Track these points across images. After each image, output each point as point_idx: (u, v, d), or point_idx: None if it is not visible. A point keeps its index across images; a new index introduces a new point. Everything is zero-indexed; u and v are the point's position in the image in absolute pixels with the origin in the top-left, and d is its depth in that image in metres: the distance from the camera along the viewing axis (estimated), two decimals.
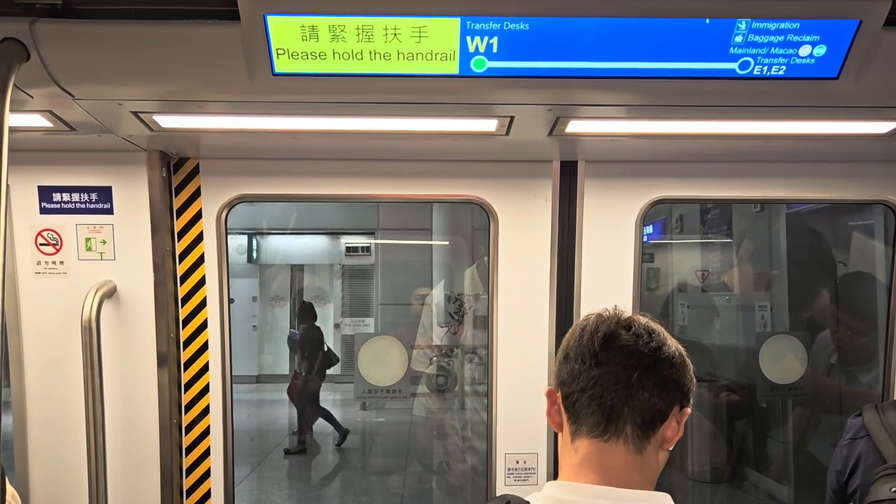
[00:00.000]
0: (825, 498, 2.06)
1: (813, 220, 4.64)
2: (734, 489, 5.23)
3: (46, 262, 2.66)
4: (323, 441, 8.29)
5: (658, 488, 1.32)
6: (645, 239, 2.92)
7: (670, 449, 1.31)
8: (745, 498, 5.11)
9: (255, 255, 10.73)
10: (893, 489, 1.59)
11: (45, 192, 2.64)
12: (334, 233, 10.02)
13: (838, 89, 1.96)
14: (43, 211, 2.65)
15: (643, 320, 1.32)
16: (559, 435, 1.38)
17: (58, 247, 2.65)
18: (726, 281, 5.60)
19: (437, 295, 5.44)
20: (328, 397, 9.91)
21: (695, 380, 1.32)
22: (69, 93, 1.98)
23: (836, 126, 2.28)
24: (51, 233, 2.65)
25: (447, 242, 6.33)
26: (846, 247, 4.15)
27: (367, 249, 9.21)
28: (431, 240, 6.47)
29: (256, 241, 10.75)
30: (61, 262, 2.66)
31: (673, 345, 1.30)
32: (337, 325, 10.39)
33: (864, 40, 1.84)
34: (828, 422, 4.18)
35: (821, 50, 1.87)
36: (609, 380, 1.25)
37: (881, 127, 2.27)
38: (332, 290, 10.45)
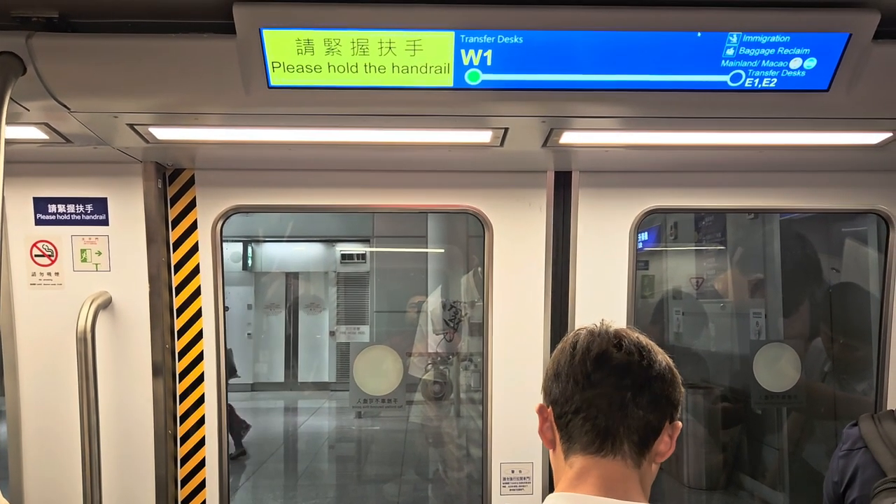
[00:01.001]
0: None
1: (806, 228, 4.66)
2: (729, 496, 5.24)
3: (42, 274, 2.66)
4: (316, 448, 8.27)
5: (653, 494, 1.33)
6: (640, 246, 2.94)
7: (661, 462, 1.32)
8: None
9: (250, 262, 10.72)
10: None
11: (40, 204, 2.64)
12: (329, 240, 10.03)
13: (829, 101, 1.98)
14: (38, 222, 2.65)
15: (633, 335, 1.32)
16: (551, 452, 1.38)
17: (53, 258, 2.65)
18: (720, 288, 5.62)
19: (433, 302, 5.44)
20: (323, 406, 9.91)
21: (683, 392, 1.33)
22: (65, 105, 1.98)
23: (828, 137, 2.30)
24: (46, 244, 2.65)
25: (442, 250, 6.33)
26: (839, 254, 4.17)
27: (362, 257, 9.20)
28: (426, 247, 6.48)
29: (251, 248, 10.74)
30: (56, 274, 2.66)
31: (663, 360, 1.31)
32: (332, 333, 10.38)
33: (854, 53, 1.86)
34: (822, 429, 4.20)
35: (811, 63, 1.90)
36: (603, 401, 1.26)
37: (872, 138, 2.29)
38: (327, 298, 10.44)
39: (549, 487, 2.82)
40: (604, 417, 1.25)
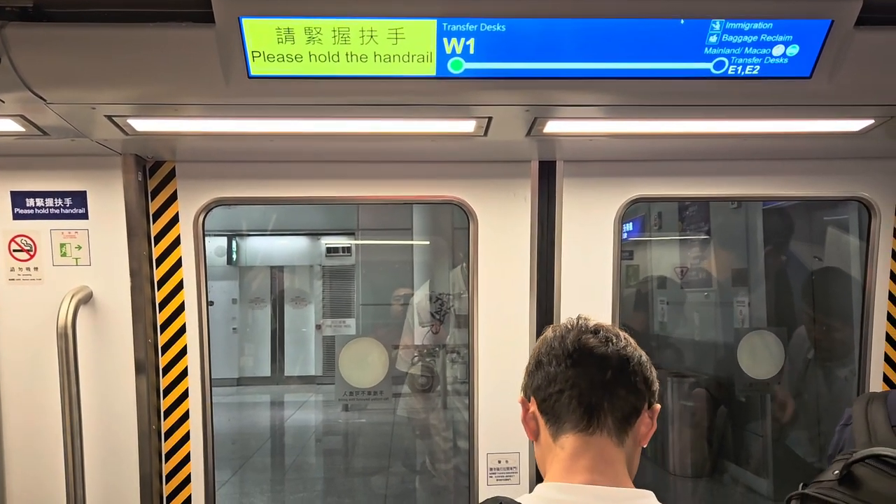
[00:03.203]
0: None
1: (788, 217, 4.69)
2: (714, 483, 5.28)
3: (20, 269, 2.62)
4: (303, 442, 8.25)
5: (639, 481, 1.34)
6: (625, 237, 2.94)
7: (644, 446, 1.35)
8: (725, 491, 5.16)
9: (234, 256, 10.64)
10: (836, 472, 1.63)
11: (17, 198, 2.60)
12: (314, 234, 9.97)
13: (811, 88, 1.98)
14: (16, 216, 2.61)
15: (608, 325, 1.36)
16: (535, 443, 1.40)
17: (32, 253, 2.61)
18: (704, 277, 5.64)
19: (419, 295, 5.43)
20: (309, 399, 9.88)
21: (657, 382, 1.36)
22: (41, 97, 1.95)
23: (810, 124, 2.31)
24: (24, 238, 2.61)
25: (427, 242, 6.32)
26: (821, 242, 4.21)
27: (347, 250, 9.16)
28: (412, 240, 6.46)
29: (236, 242, 10.66)
30: (35, 269, 2.62)
31: (638, 350, 1.35)
32: (318, 327, 10.33)
33: (836, 40, 1.86)
34: (805, 415, 4.24)
35: (794, 49, 1.90)
36: (585, 380, 1.29)
37: (854, 125, 2.30)
38: (313, 292, 10.39)
39: (536, 477, 2.82)
40: (588, 395, 1.28)
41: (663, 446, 5.37)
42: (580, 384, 1.28)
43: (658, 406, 1.35)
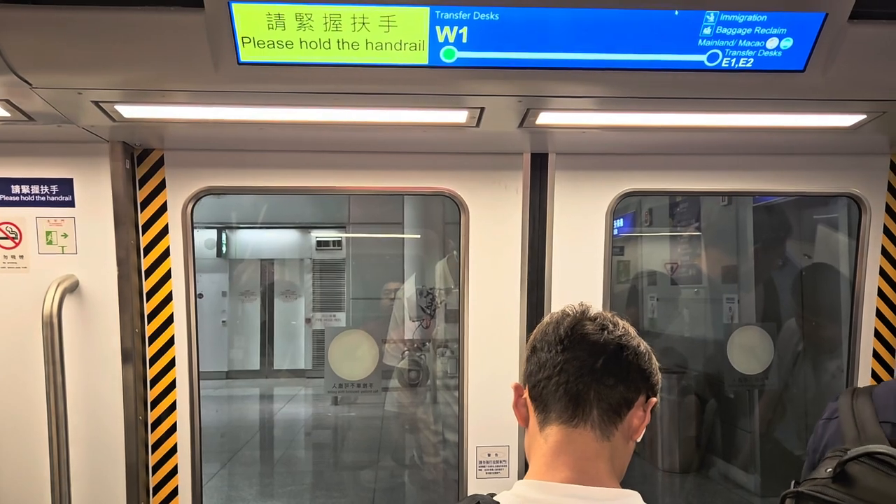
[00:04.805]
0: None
1: (779, 214, 4.71)
2: (702, 478, 5.31)
3: (5, 256, 2.58)
4: (292, 436, 8.24)
5: (627, 477, 1.32)
6: (615, 232, 2.93)
7: (638, 440, 1.32)
8: (713, 487, 5.18)
9: (224, 249, 10.60)
10: (829, 470, 1.62)
11: (2, 185, 2.57)
12: (305, 227, 9.95)
13: (804, 82, 1.97)
14: (1, 203, 2.57)
15: (608, 314, 1.34)
16: (525, 430, 1.39)
17: (17, 240, 2.58)
18: (694, 273, 5.66)
19: (409, 289, 5.42)
20: (299, 393, 9.86)
21: (660, 374, 1.34)
22: (27, 81, 1.92)
23: (803, 119, 2.30)
24: (9, 226, 2.57)
25: (418, 236, 6.31)
26: (811, 240, 4.22)
27: (338, 244, 9.14)
28: (403, 233, 6.44)
29: (226, 235, 10.62)
30: (21, 256, 2.59)
31: (638, 339, 1.32)
32: (308, 320, 10.32)
33: (830, 33, 1.86)
34: (794, 410, 4.26)
35: (787, 43, 1.89)
36: (574, 365, 1.26)
37: (846, 120, 2.30)
38: (303, 285, 10.37)
39: (526, 470, 2.82)
40: (575, 382, 1.26)
41: (652, 442, 5.39)
42: (568, 370, 1.26)
43: (655, 399, 1.32)
